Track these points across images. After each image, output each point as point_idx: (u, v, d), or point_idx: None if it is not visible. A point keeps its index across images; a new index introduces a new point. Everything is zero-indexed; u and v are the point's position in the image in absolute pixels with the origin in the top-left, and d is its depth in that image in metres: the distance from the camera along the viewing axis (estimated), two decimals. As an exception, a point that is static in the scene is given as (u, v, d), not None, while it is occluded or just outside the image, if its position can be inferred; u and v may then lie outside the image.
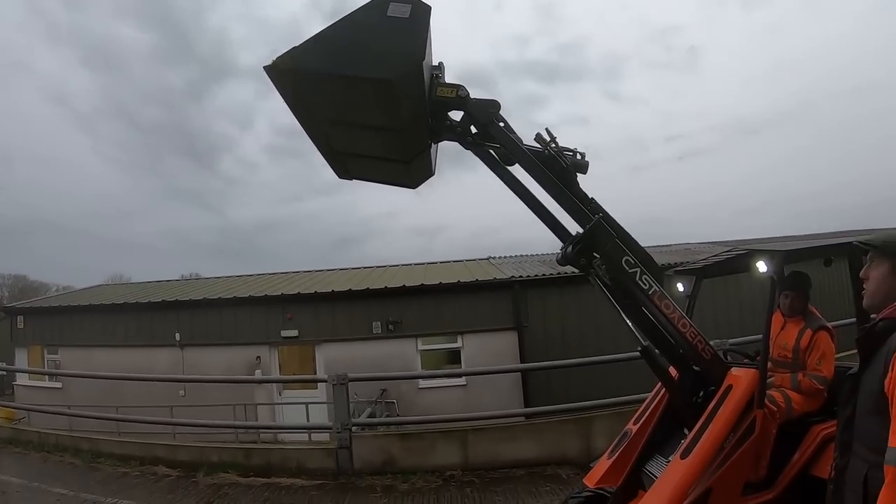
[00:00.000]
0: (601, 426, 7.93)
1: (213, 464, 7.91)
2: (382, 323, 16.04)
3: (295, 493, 6.98)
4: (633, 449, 4.63)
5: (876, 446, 2.23)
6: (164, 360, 16.69)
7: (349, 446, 7.71)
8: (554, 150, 4.21)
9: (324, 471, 7.65)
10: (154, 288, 21.86)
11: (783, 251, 4.12)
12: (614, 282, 4.16)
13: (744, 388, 3.96)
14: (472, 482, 7.32)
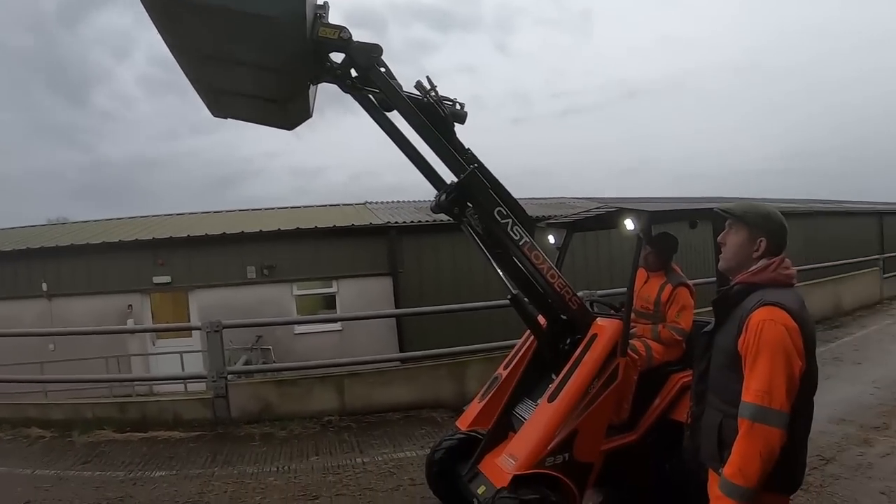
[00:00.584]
0: (474, 371, 8.21)
1: (88, 421, 7.60)
2: (257, 268, 15.73)
3: (173, 447, 6.85)
4: (503, 393, 4.84)
5: (728, 398, 2.49)
6: (30, 313, 15.63)
7: (225, 395, 7.65)
8: (433, 99, 4.23)
9: (201, 421, 7.55)
10: (17, 234, 20.31)
11: (649, 212, 4.34)
12: (486, 231, 4.27)
13: (608, 336, 4.21)
14: (349, 427, 7.46)
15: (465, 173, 4.10)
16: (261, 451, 6.67)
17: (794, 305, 2.43)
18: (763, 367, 2.33)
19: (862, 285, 16.30)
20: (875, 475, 5.35)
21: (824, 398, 7.31)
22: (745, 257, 2.61)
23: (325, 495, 5.39)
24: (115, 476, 5.99)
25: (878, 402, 7.55)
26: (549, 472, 3.89)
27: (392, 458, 6.26)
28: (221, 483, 5.72)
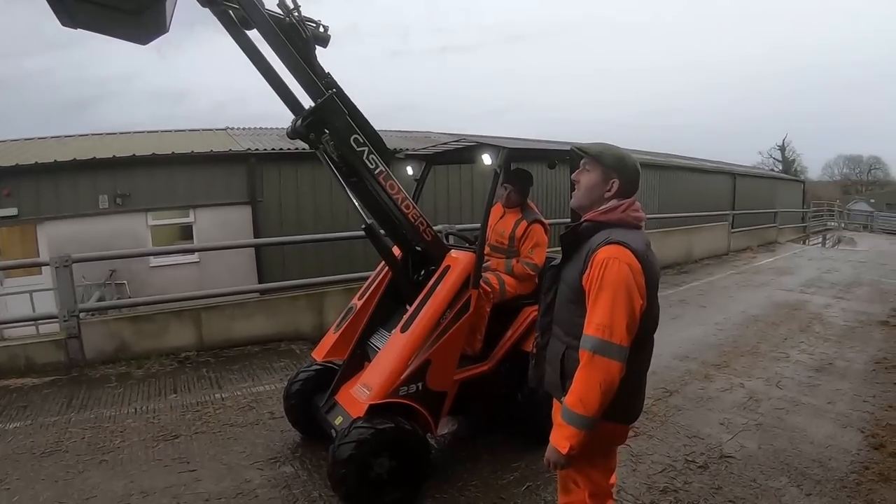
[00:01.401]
0: (333, 301, 8.29)
1: None
2: (110, 197, 14.89)
3: (27, 395, 6.43)
4: (358, 323, 4.93)
5: (572, 331, 2.61)
6: None
7: (78, 335, 7.27)
8: (296, 19, 4.09)
9: (55, 365, 7.16)
10: None
11: (507, 148, 4.41)
12: (342, 159, 4.20)
13: (461, 268, 4.31)
14: (207, 362, 7.36)
15: (323, 98, 4.01)
16: (117, 392, 6.43)
17: (639, 246, 2.53)
18: (605, 303, 2.43)
19: (712, 237, 17.72)
20: (714, 407, 5.85)
21: (670, 336, 7.98)
22: (597, 197, 2.68)
23: (184, 434, 5.31)
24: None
25: (719, 342, 8.21)
26: (404, 401, 4.01)
27: (251, 392, 6.24)
28: (79, 429, 5.48)
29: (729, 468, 4.63)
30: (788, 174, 52.89)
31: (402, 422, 3.92)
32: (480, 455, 4.74)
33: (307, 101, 4.21)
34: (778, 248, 21.15)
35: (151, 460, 4.86)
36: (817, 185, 57.69)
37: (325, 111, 4.03)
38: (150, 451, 5.01)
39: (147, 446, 5.11)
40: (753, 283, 13.31)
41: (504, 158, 4.41)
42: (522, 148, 4.91)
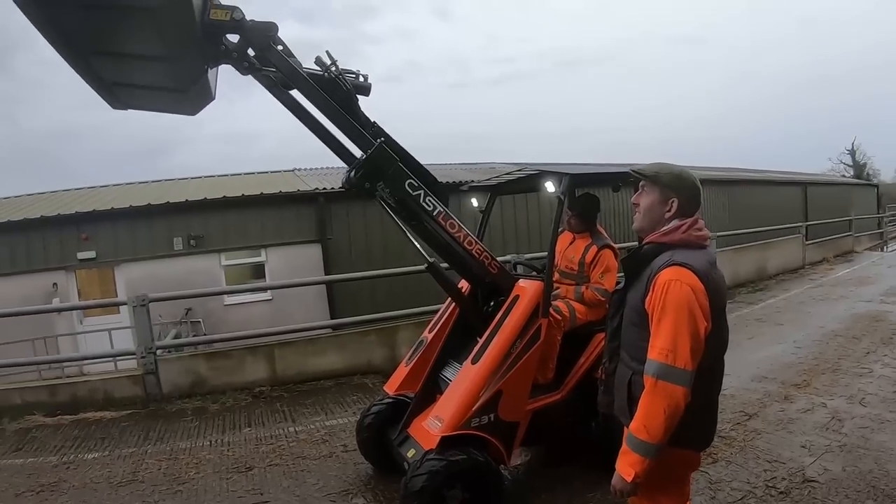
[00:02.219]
0: (405, 336, 8.30)
1: (17, 407, 7.32)
2: (184, 238, 15.39)
3: (105, 427, 6.71)
4: (429, 356, 4.92)
5: (637, 356, 2.56)
6: None
7: (155, 371, 7.53)
8: (334, 73, 4.18)
9: (132, 399, 7.43)
10: None
11: (570, 174, 4.38)
12: (399, 204, 4.25)
13: (529, 297, 4.29)
14: (281, 396, 7.48)
15: (373, 148, 4.06)
16: (193, 425, 6.61)
17: (702, 266, 2.47)
18: (667, 326, 2.38)
19: (786, 251, 17.12)
20: (795, 429, 5.59)
21: (747, 357, 7.73)
22: (658, 218, 2.64)
23: (258, 466, 5.39)
24: (47, 461, 5.83)
25: (798, 360, 7.85)
26: (476, 432, 3.98)
27: (324, 425, 6.29)
28: (155, 461, 5.65)
29: (812, 493, 4.42)
30: (861, 179, 51.01)
31: (475, 453, 3.89)
32: (554, 486, 4.66)
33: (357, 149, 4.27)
34: (855, 257, 20.37)
35: (226, 491, 4.96)
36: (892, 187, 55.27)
37: (377, 161, 4.07)
38: (224, 483, 5.11)
39: (222, 478, 5.21)
40: (832, 297, 12.80)
41: (567, 185, 4.38)
42: (585, 173, 4.87)
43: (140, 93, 4.24)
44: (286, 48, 4.03)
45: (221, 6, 3.76)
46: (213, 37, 3.79)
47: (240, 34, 3.86)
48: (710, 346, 2.46)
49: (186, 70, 3.93)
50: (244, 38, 3.89)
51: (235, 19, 3.75)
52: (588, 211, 5.06)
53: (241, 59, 3.92)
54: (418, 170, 4.36)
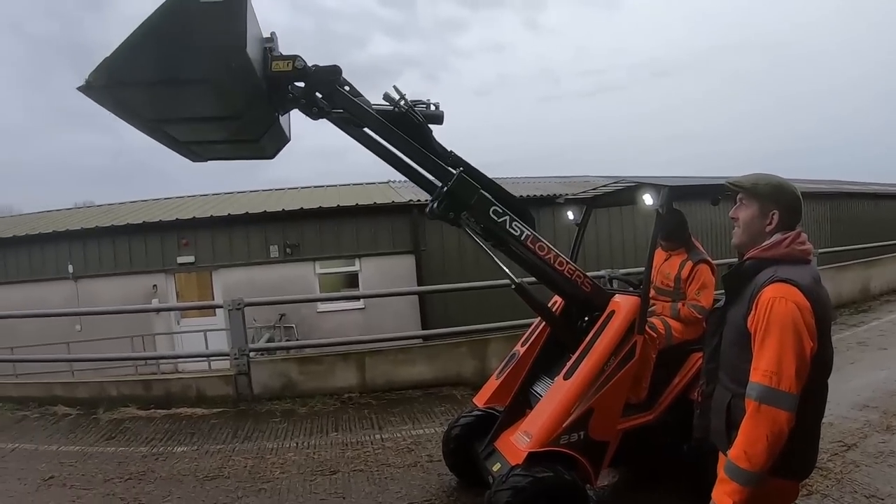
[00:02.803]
0: (495, 348, 8.21)
1: (112, 398, 7.77)
2: (280, 247, 15.83)
3: (195, 423, 6.99)
4: (520, 370, 4.83)
5: (738, 378, 2.43)
6: (57, 294, 15.89)
7: (248, 372, 7.75)
8: (404, 108, 4.15)
9: (224, 398, 7.69)
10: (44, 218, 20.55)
11: (668, 186, 4.25)
12: (486, 232, 4.23)
13: (625, 314, 4.16)
14: (369, 404, 7.52)
15: (453, 179, 4.01)
16: (281, 426, 6.75)
17: (808, 282, 2.34)
18: (771, 347, 2.26)
19: (892, 269, 15.89)
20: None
21: (848, 384, 7.33)
22: (758, 232, 2.53)
23: (342, 470, 5.44)
24: (137, 451, 6.11)
25: (902, 389, 7.37)
26: (564, 450, 3.88)
27: (411, 434, 6.29)
28: (241, 458, 5.81)
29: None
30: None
31: (562, 471, 3.78)
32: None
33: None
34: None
35: (309, 493, 5.02)
36: None
37: (458, 191, 4.02)
38: (308, 485, 5.18)
39: (306, 479, 5.29)
40: (944, 320, 11.92)
41: (665, 198, 4.24)
42: (683, 185, 4.71)
43: (217, 147, 4.34)
44: (352, 88, 4.03)
45: (282, 57, 3.80)
46: (279, 87, 3.83)
47: (304, 81, 3.88)
48: (815, 368, 2.32)
49: (258, 122, 4.00)
50: (309, 85, 3.90)
51: (298, 68, 3.78)
52: (677, 228, 4.90)
53: (309, 104, 3.94)
54: (501, 195, 4.30)
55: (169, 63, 3.33)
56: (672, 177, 8.12)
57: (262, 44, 3.72)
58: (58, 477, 5.56)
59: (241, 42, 3.30)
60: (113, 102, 3.53)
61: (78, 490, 5.27)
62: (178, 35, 3.31)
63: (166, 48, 3.30)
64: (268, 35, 3.83)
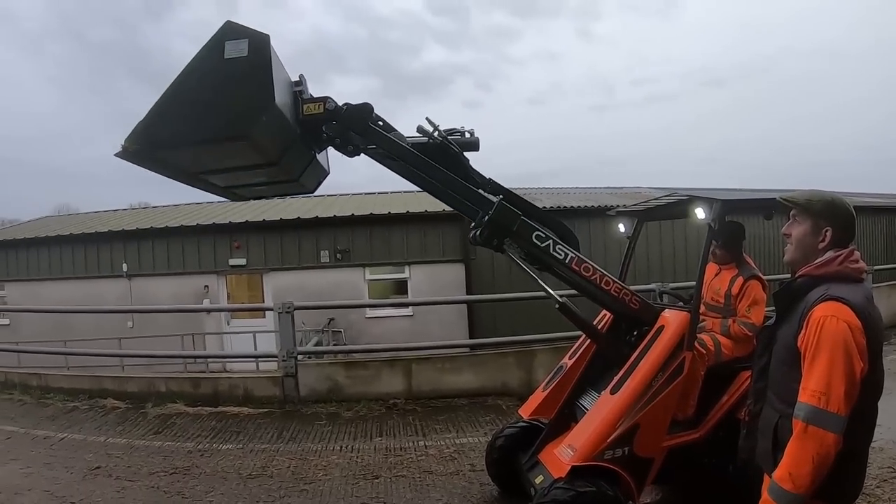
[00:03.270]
0: (542, 359, 8.16)
1: (161, 394, 8.00)
2: (331, 252, 16.00)
3: (241, 422, 7.13)
4: (567, 382, 4.79)
5: (786, 398, 2.37)
6: (111, 292, 16.40)
7: (295, 374, 7.85)
8: (440, 139, 4.14)
9: (270, 399, 7.82)
10: (101, 218, 21.26)
11: (721, 200, 4.17)
12: (529, 256, 4.21)
13: (674, 329, 4.09)
14: (414, 410, 7.54)
15: (494, 208, 4.00)
16: (326, 429, 6.83)
17: (860, 301, 2.29)
18: (821, 366, 2.22)
19: None
20: (951, 492, 5.02)
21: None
22: (810, 249, 2.49)
23: (385, 476, 5.47)
24: (183, 447, 6.28)
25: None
26: (608, 465, 3.82)
27: (455, 443, 6.29)
28: (285, 458, 5.90)
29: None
30: None
31: (605, 486, 3.73)
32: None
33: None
34: None
35: (350, 496, 5.07)
36: None
37: (499, 219, 4.00)
38: (349, 487, 5.23)
39: (348, 482, 5.34)
40: None
41: (718, 211, 4.17)
42: (737, 199, 4.63)
43: (258, 188, 4.40)
44: (385, 123, 4.04)
45: (313, 99, 3.82)
46: (313, 129, 3.86)
47: (337, 122, 3.88)
48: (865, 389, 2.27)
49: (295, 163, 4.03)
50: (342, 125, 3.89)
51: (329, 110, 3.80)
52: (733, 239, 4.81)
53: (344, 143, 3.94)
54: (544, 219, 4.28)
55: (200, 124, 3.39)
56: (725, 189, 7.97)
57: (290, 88, 3.76)
58: (104, 467, 5.74)
59: (269, 97, 3.33)
60: (150, 163, 3.62)
61: (123, 481, 5.43)
62: (206, 94, 3.37)
63: (196, 109, 3.37)
64: (296, 78, 3.86)
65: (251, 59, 3.35)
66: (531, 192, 21.74)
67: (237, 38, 3.37)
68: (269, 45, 3.39)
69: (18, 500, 5.11)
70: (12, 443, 6.57)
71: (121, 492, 5.23)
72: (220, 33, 3.40)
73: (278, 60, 3.51)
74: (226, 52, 3.35)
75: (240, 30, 3.40)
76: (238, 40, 3.36)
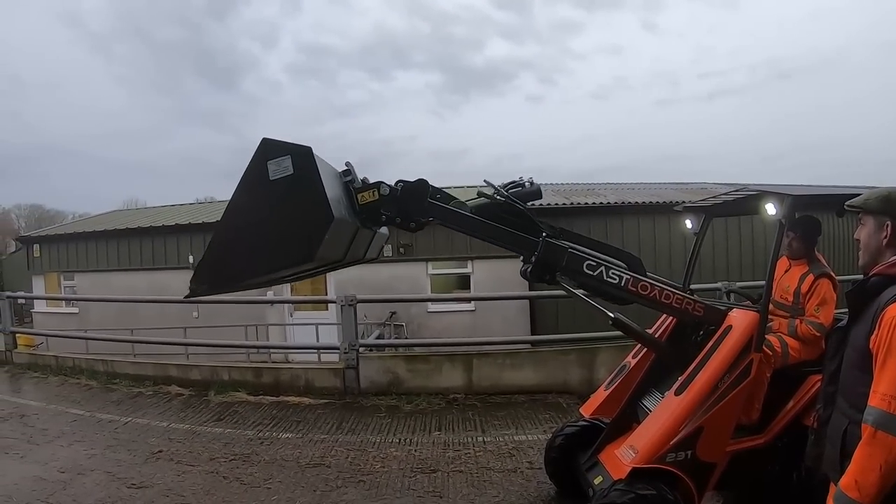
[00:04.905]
0: (604, 358, 8.05)
1: (224, 383, 8.22)
2: (394, 246, 16.08)
3: (302, 411, 7.24)
4: (630, 382, 4.70)
5: (857, 403, 2.26)
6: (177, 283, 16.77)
7: (356, 366, 7.93)
8: (504, 197, 4.12)
9: (331, 390, 7.93)
10: (168, 212, 21.91)
11: (792, 195, 4.02)
12: (583, 286, 4.20)
13: (742, 330, 3.96)
14: (474, 405, 7.51)
15: (539, 248, 3.97)
16: (385, 422, 6.87)
17: None
18: (893, 369, 2.11)
19: None
20: None
21: None
22: (876, 248, 2.40)
23: (442, 470, 5.47)
24: (243, 434, 6.43)
25: None
26: (670, 468, 3.73)
27: (513, 439, 6.25)
28: (344, 449, 5.97)
29: None
30: None
31: (665, 490, 3.63)
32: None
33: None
34: None
35: (407, 489, 5.08)
36: None
37: (545, 258, 3.98)
38: (406, 480, 5.25)
39: (405, 475, 5.36)
40: None
41: (789, 207, 4.03)
42: (808, 195, 4.45)
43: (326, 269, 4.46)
44: (443, 194, 4.03)
45: (366, 187, 3.79)
46: (371, 214, 3.84)
47: (393, 204, 3.84)
48: None
49: (359, 248, 4.09)
50: (399, 205, 3.87)
51: (384, 195, 3.77)
52: (809, 233, 4.62)
53: (405, 222, 3.94)
54: (594, 245, 4.32)
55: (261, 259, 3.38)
56: (797, 185, 7.71)
57: (341, 182, 3.72)
58: (166, 451, 5.93)
59: (328, 215, 3.27)
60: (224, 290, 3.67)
61: (184, 465, 5.60)
62: (261, 228, 3.33)
63: (254, 244, 3.34)
64: (344, 168, 3.83)
65: (298, 175, 3.28)
66: (596, 188, 21.53)
67: (278, 155, 3.28)
68: (312, 157, 3.32)
69: (80, 479, 5.30)
70: (77, 425, 6.83)
71: (181, 475, 5.37)
72: (259, 152, 3.31)
73: (323, 163, 3.47)
74: (270, 173, 3.28)
75: (279, 146, 3.32)
76: (280, 158, 3.28)
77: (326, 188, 3.31)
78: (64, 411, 7.37)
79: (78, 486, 5.15)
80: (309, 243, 3.28)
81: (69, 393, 8.32)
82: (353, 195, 3.75)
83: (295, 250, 3.32)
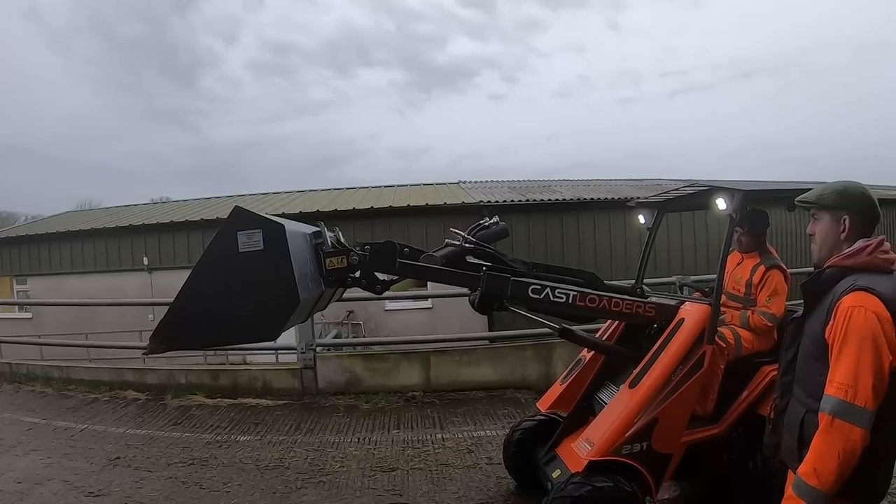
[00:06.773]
0: (561, 353, 8.09)
1: (181, 386, 8.14)
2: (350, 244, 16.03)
3: (260, 413, 7.21)
4: (585, 376, 4.75)
5: (813, 392, 2.31)
6: (133, 285, 16.63)
7: (313, 367, 7.93)
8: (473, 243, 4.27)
9: (289, 391, 7.92)
10: (122, 213, 21.58)
11: (742, 190, 4.07)
12: (536, 310, 4.24)
13: (694, 323, 4.03)
14: (432, 403, 7.54)
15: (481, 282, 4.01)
16: (344, 421, 6.86)
17: (890, 293, 2.22)
18: (848, 358, 2.16)
19: None
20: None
21: None
22: (834, 242, 2.45)
23: (402, 468, 5.48)
24: (201, 438, 6.36)
25: None
26: (626, 460, 3.77)
27: (472, 436, 6.28)
28: (303, 450, 5.95)
29: None
30: None
31: (622, 482, 3.68)
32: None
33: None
34: None
35: (367, 488, 5.09)
36: None
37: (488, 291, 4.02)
38: (366, 479, 5.25)
39: (364, 474, 5.37)
40: None
41: (739, 202, 4.07)
42: (759, 189, 4.54)
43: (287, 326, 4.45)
44: (412, 249, 4.07)
45: (336, 252, 3.80)
46: (338, 277, 3.83)
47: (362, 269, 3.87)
48: (893, 383, 2.20)
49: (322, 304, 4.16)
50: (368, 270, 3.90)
51: (353, 263, 3.79)
52: (757, 227, 4.72)
53: (371, 284, 3.95)
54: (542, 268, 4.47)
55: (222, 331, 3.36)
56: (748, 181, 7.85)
57: (310, 243, 3.71)
58: (123, 458, 5.83)
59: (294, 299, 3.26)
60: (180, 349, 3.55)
61: (142, 472, 5.51)
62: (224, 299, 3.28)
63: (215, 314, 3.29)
64: (315, 230, 3.86)
65: (268, 252, 3.24)
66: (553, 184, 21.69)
67: (249, 227, 3.25)
68: (284, 236, 3.27)
69: (38, 489, 5.18)
70: (33, 433, 6.66)
71: (139, 482, 5.29)
72: (230, 221, 3.29)
73: (294, 232, 3.43)
74: (240, 244, 3.24)
75: (251, 219, 3.29)
76: (251, 231, 3.24)
77: (294, 264, 3.27)
78: (19, 420, 7.20)
79: (35, 497, 5.05)
80: (274, 325, 3.31)
81: (24, 401, 8.13)
82: (321, 259, 3.73)
83: (259, 328, 3.33)
